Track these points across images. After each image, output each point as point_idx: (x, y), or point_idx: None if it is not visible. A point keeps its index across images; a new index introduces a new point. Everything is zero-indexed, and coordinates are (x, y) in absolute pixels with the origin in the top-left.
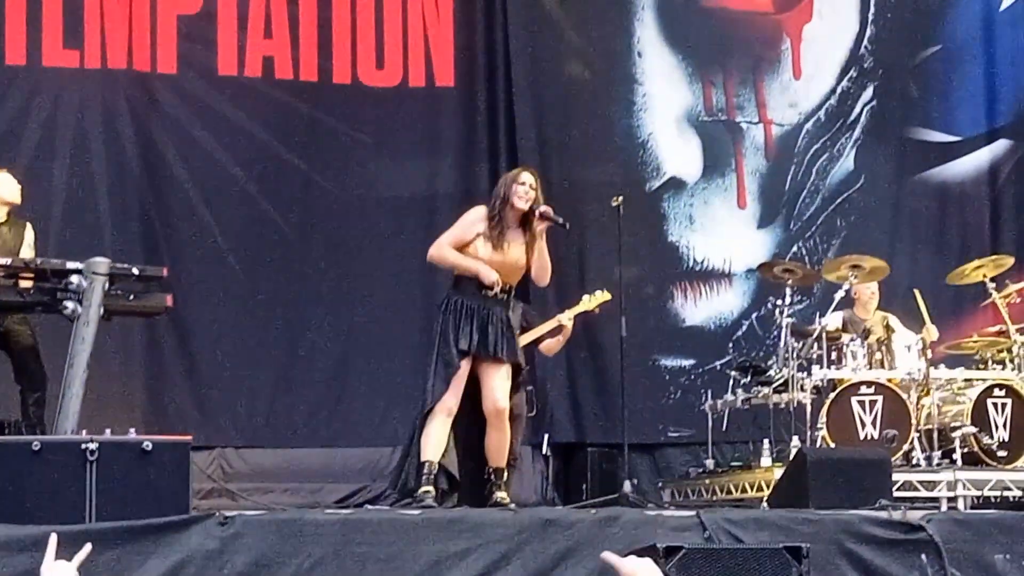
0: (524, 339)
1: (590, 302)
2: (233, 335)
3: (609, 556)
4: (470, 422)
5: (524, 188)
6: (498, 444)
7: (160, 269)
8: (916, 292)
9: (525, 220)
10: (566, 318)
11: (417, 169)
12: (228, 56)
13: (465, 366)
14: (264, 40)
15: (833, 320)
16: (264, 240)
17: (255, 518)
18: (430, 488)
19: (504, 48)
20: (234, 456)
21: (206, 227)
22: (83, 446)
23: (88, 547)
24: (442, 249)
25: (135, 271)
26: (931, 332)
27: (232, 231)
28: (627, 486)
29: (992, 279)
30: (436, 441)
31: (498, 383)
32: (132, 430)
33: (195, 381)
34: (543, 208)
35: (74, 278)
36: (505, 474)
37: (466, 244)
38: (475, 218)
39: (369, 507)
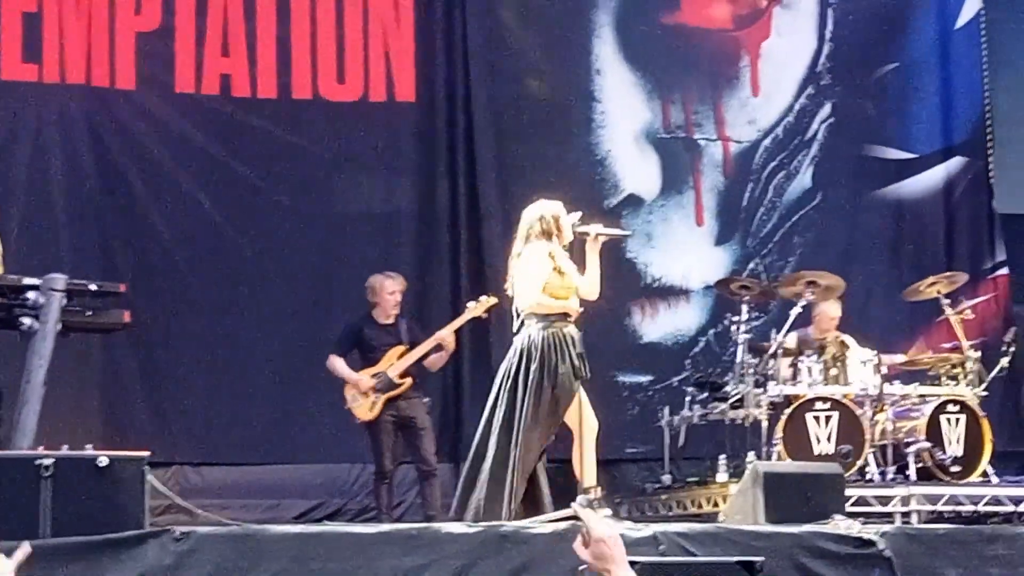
0: (418, 351)
1: (476, 309)
2: (191, 351)
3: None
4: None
5: (568, 219)
6: (594, 462)
7: (118, 285)
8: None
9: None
10: (443, 337)
11: (377, 185)
12: (185, 73)
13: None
14: (221, 58)
15: (791, 337)
16: (222, 257)
17: (211, 533)
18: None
19: (463, 65)
20: (192, 472)
21: (164, 243)
22: (37, 462)
23: (27, 546)
24: (541, 303)
25: (93, 287)
26: (896, 359)
27: (190, 248)
28: (583, 500)
29: (946, 295)
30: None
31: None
32: (89, 446)
33: (153, 397)
34: (598, 228)
35: (31, 294)
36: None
37: (545, 284)
38: (542, 259)
39: (327, 522)
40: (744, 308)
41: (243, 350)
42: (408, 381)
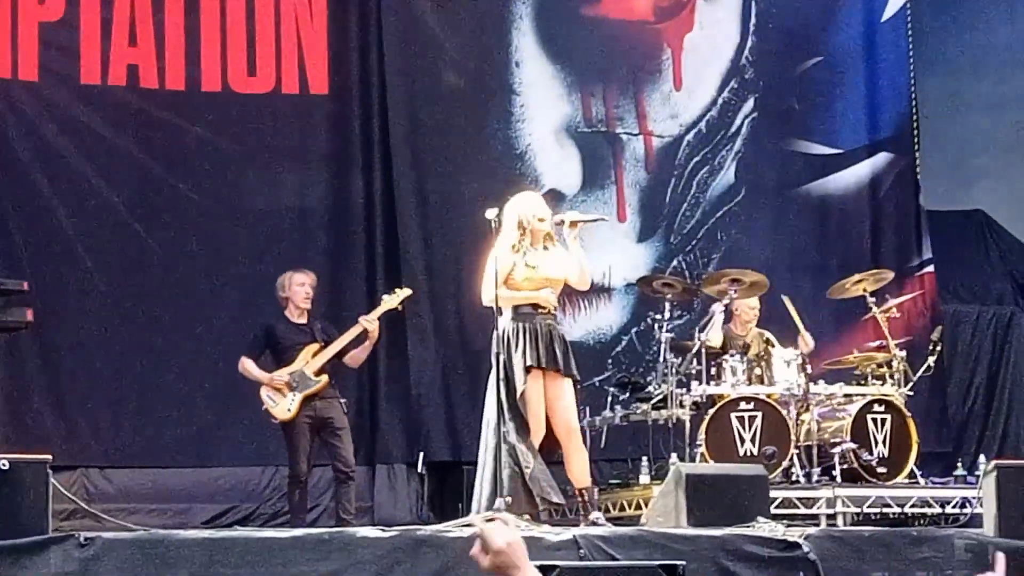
0: (333, 347)
1: (392, 300)
2: (98, 351)
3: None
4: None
5: (541, 210)
6: (582, 463)
7: (21, 283)
8: (785, 299)
9: (546, 235)
10: (368, 320)
11: (289, 180)
12: (91, 64)
13: (534, 382)
14: (129, 48)
15: (713, 336)
16: (129, 254)
17: (117, 539)
18: None
19: (378, 56)
20: (98, 476)
21: (69, 240)
22: None
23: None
24: (494, 293)
25: None
26: (806, 340)
27: (96, 245)
28: (500, 504)
29: (872, 293)
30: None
31: (570, 399)
32: None
33: (57, 398)
34: (571, 215)
35: None
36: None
37: (507, 275)
38: (503, 253)
39: (238, 527)
40: (667, 306)
41: (151, 350)
42: (324, 379)
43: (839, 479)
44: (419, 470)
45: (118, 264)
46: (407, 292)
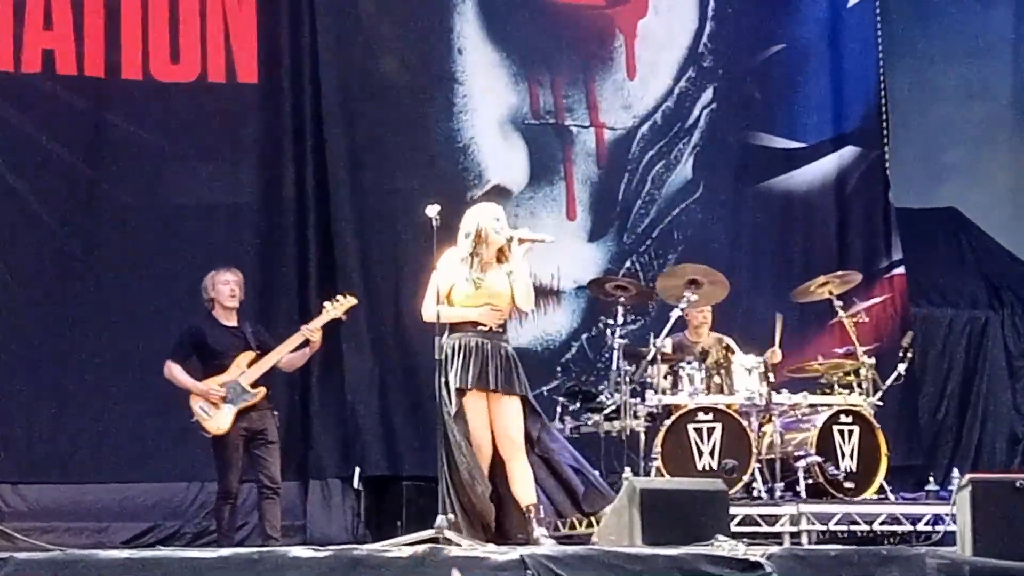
0: (272, 357)
1: (335, 309)
2: (8, 358)
3: None
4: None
5: (500, 224)
6: (527, 479)
7: None
8: (779, 318)
9: (499, 250)
10: (311, 330)
11: (216, 175)
12: (3, 48)
13: (475, 402)
14: (44, 32)
15: (668, 342)
16: (43, 253)
17: (31, 560)
18: None
19: (311, 42)
20: (9, 492)
21: None
22: None
23: None
24: (437, 311)
25: None
26: (775, 354)
27: (5, 243)
28: (443, 521)
29: (839, 297)
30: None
31: (512, 417)
32: None
33: None
34: (521, 232)
35: None
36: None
37: (448, 291)
38: (449, 265)
39: (160, 547)
40: (620, 310)
41: (67, 356)
42: (262, 391)
43: (804, 495)
44: (355, 485)
45: (31, 265)
46: (351, 301)
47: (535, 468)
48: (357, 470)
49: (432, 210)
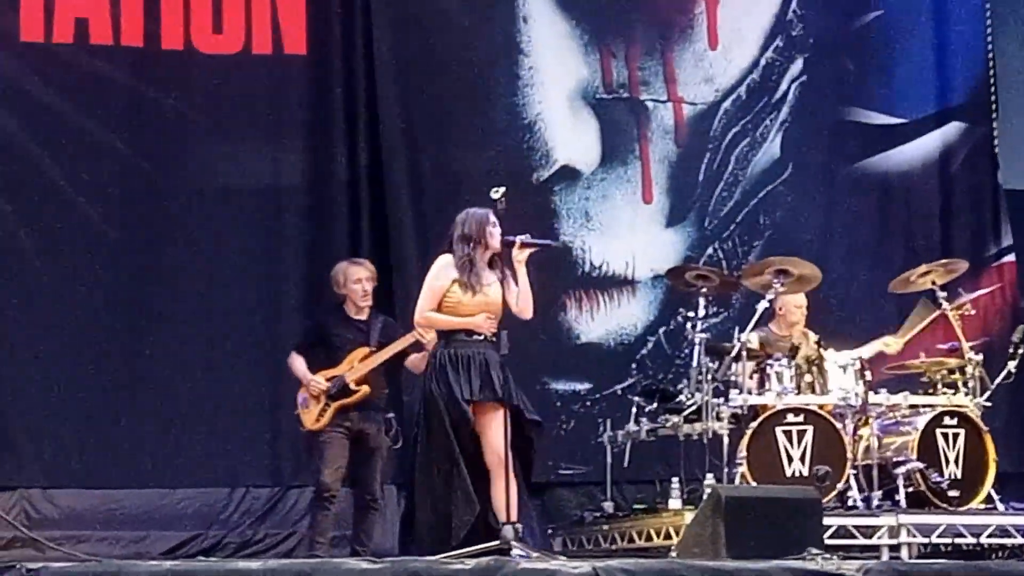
0: (381, 355)
1: None
2: (40, 354)
3: None
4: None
5: (496, 228)
6: (513, 495)
7: None
8: (924, 303)
9: (494, 256)
10: (421, 335)
11: (261, 155)
12: (32, 19)
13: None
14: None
15: (754, 337)
16: (77, 240)
17: (64, 571)
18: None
19: (364, 10)
20: (40, 498)
21: (6, 223)
22: None
23: None
24: (428, 317)
25: None
26: (890, 344)
27: (38, 228)
28: (509, 532)
29: (942, 287)
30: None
31: (498, 427)
32: None
33: None
34: (523, 237)
35: None
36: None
37: (442, 296)
38: (443, 270)
39: (202, 559)
40: (701, 302)
41: (100, 351)
42: (364, 390)
43: (904, 504)
44: None
45: (64, 252)
46: None
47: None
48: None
49: (497, 192)
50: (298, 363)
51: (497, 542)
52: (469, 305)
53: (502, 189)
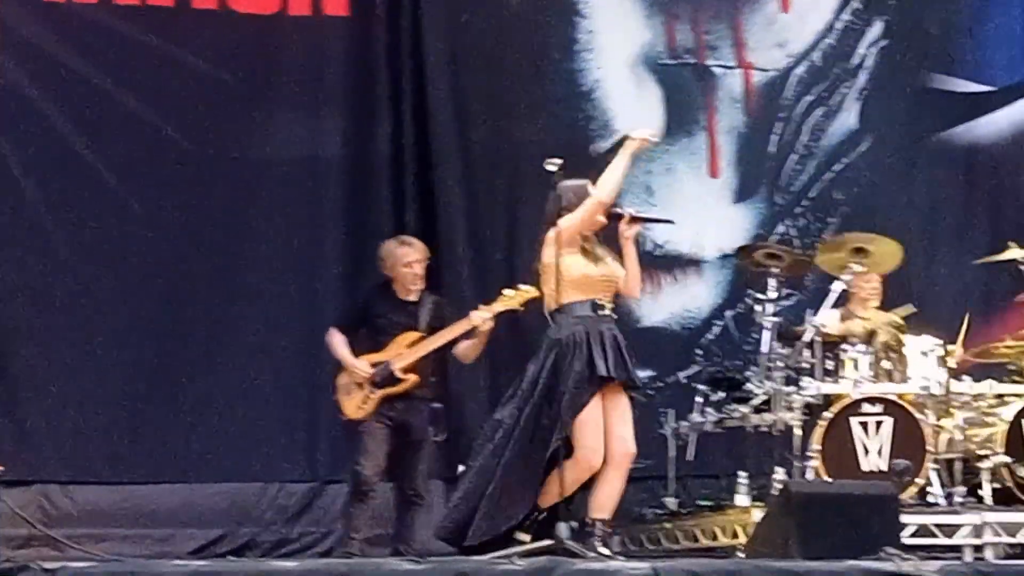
0: (432, 342)
1: (513, 299)
2: (58, 341)
3: None
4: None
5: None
6: (617, 494)
7: None
8: (965, 319)
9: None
10: (480, 318)
11: (298, 123)
12: None
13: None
14: None
15: (829, 320)
16: (102, 216)
17: (85, 571)
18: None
19: None
20: (59, 494)
21: (26, 201)
22: None
23: None
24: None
25: None
26: (954, 354)
27: (60, 204)
28: (563, 530)
29: None
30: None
31: (629, 416)
32: None
33: (9, 401)
34: (632, 210)
35: None
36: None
37: (563, 254)
38: (569, 242)
39: (233, 559)
40: (771, 283)
41: (122, 335)
42: (412, 379)
43: (988, 501)
44: None
45: (89, 231)
46: (532, 292)
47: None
48: (461, 469)
49: (553, 164)
50: (339, 343)
51: (551, 541)
52: (594, 278)
53: (558, 161)
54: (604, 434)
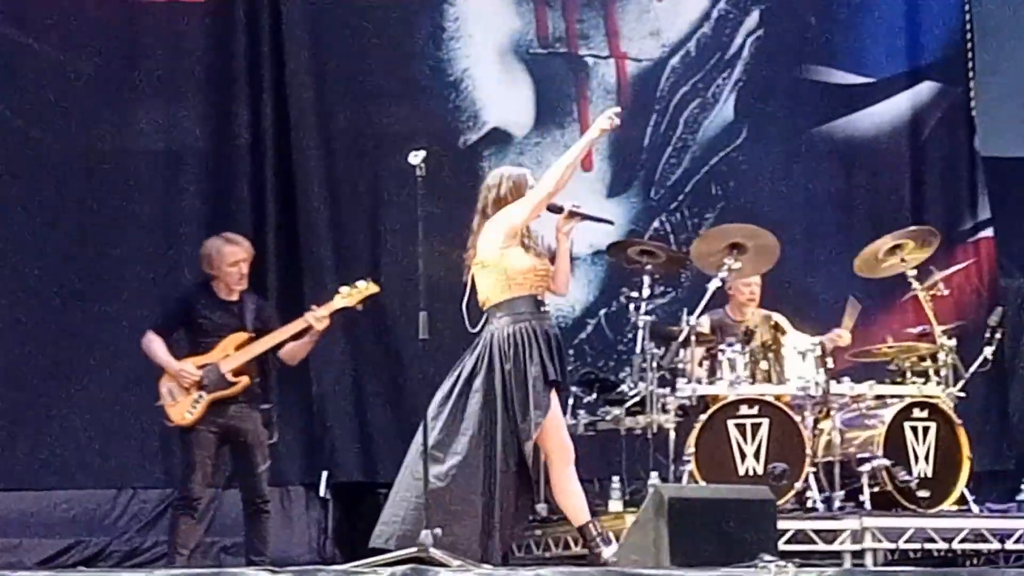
0: (264, 343)
1: (349, 297)
2: None
3: None
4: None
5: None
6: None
7: None
8: (852, 301)
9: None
10: (316, 318)
11: (153, 112)
12: None
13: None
14: None
15: (704, 320)
16: None
17: None
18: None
19: None
20: None
21: None
22: None
23: None
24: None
25: None
26: (841, 337)
27: None
28: (427, 537)
29: (914, 265)
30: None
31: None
32: None
33: None
34: (571, 205)
35: None
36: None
37: (508, 246)
38: (497, 229)
39: (83, 569)
40: (646, 281)
41: None
42: (244, 380)
43: (868, 506)
44: (321, 494)
45: None
46: (372, 288)
47: None
48: (324, 475)
49: (416, 157)
50: (157, 346)
51: (414, 549)
52: (539, 272)
53: (422, 153)
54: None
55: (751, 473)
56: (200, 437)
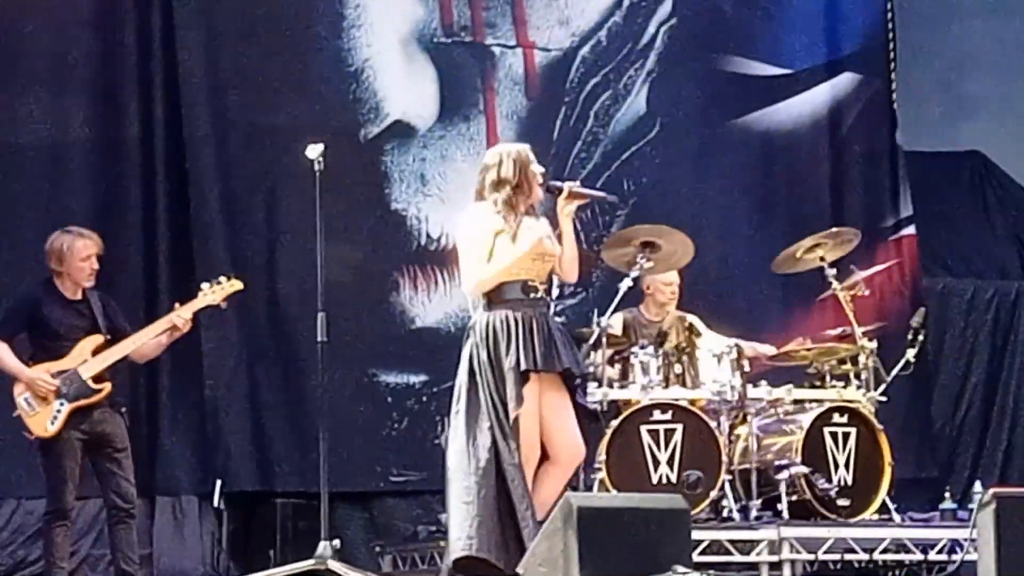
0: (126, 346)
1: (212, 294)
2: None
3: None
4: None
5: (540, 169)
6: (558, 491)
7: None
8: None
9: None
10: (181, 318)
11: (38, 104)
12: None
13: (529, 393)
14: None
15: (616, 320)
16: None
17: None
18: None
19: None
20: None
21: None
22: None
23: None
24: (487, 273)
25: None
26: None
27: None
28: (325, 548)
29: (832, 264)
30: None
31: (571, 411)
32: None
33: None
34: (572, 184)
35: None
36: None
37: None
38: (483, 220)
39: None
40: (555, 281)
41: None
42: (106, 387)
43: (786, 515)
44: (215, 504)
45: None
46: (235, 285)
47: None
48: (219, 485)
49: (314, 151)
50: (4, 352)
51: (312, 561)
52: (527, 255)
53: (320, 147)
54: (550, 430)
55: (665, 481)
56: (67, 446)
